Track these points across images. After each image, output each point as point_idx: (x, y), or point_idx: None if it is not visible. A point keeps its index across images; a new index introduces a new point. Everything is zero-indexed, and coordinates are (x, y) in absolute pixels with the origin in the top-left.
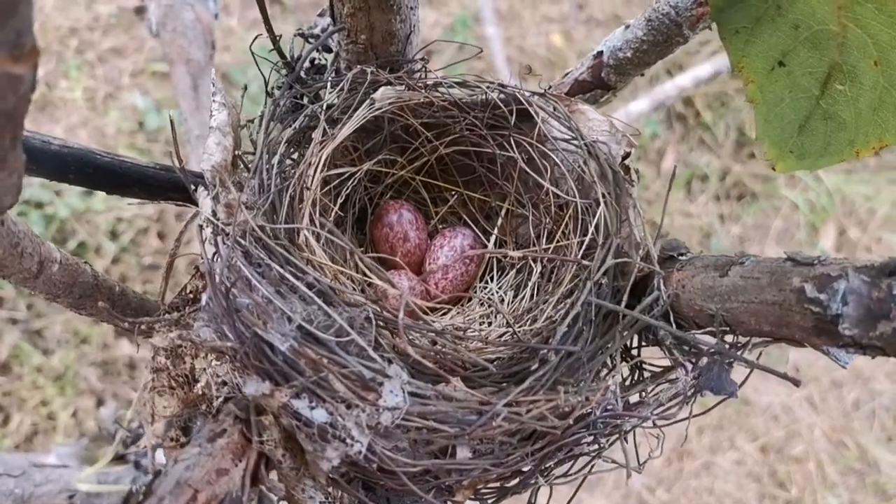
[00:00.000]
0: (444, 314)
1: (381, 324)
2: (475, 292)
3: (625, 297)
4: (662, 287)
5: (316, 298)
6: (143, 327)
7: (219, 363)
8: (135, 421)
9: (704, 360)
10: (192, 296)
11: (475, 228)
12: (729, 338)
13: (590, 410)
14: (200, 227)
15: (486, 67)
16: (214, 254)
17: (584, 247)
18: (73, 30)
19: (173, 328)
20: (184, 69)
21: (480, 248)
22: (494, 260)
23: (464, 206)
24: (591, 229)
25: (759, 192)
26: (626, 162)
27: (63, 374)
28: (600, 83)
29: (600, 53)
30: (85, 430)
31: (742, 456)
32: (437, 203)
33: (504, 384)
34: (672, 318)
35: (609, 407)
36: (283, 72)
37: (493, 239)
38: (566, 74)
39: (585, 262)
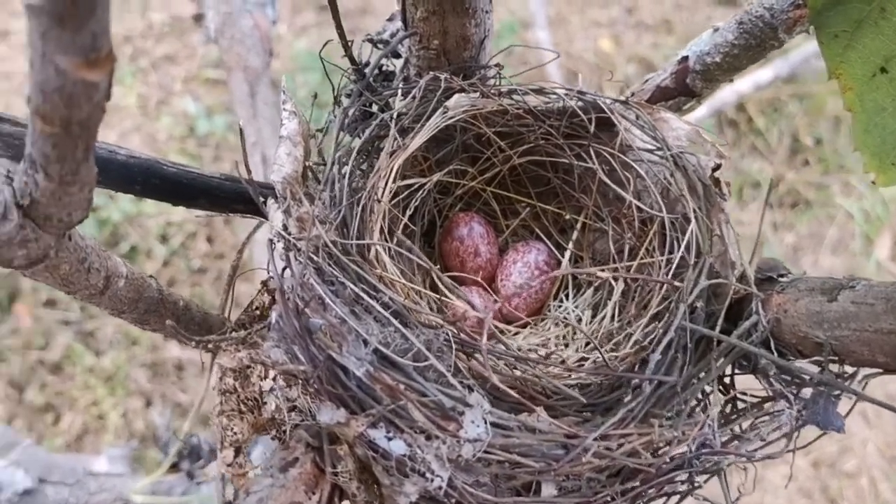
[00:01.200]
0: (516, 333)
1: (460, 347)
2: (549, 311)
3: (719, 322)
4: (761, 311)
5: (392, 319)
6: (209, 346)
7: (288, 386)
8: (190, 433)
9: (808, 391)
10: (258, 312)
11: (548, 243)
12: (833, 367)
13: (686, 447)
14: (271, 241)
15: (535, 74)
16: (284, 269)
17: (673, 265)
18: (127, 37)
19: (241, 347)
20: (241, 76)
21: (555, 263)
22: (569, 276)
23: (536, 219)
24: (681, 247)
25: (812, 200)
26: (716, 174)
27: (113, 375)
28: (684, 90)
29: (685, 58)
30: (134, 430)
31: (793, 471)
32: (507, 215)
33: (588, 414)
34: (773, 346)
35: (706, 442)
36: (352, 79)
37: (567, 254)
38: (646, 81)
39: (677, 283)
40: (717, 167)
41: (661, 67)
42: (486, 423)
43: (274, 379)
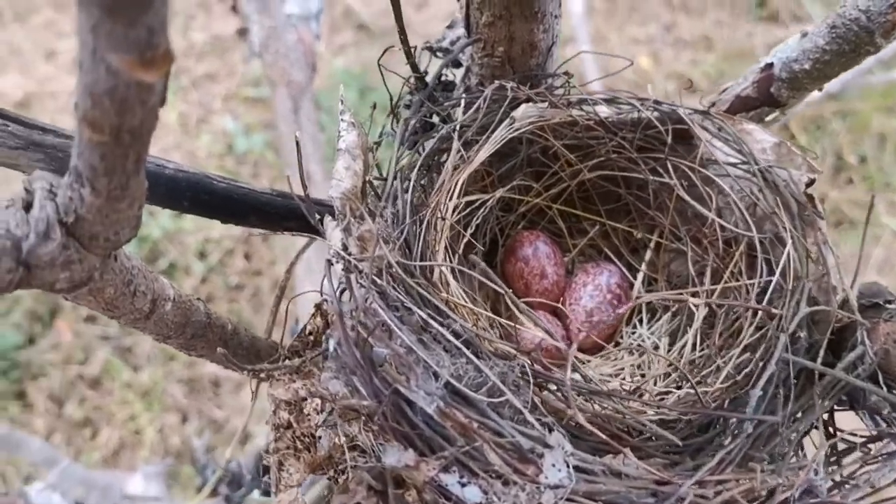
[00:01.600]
0: (587, 361)
1: (537, 380)
2: (622, 337)
3: (821, 354)
4: (867, 341)
5: (464, 349)
6: (261, 375)
7: (346, 422)
8: (231, 458)
9: None
10: (311, 338)
11: (619, 264)
12: None
13: (790, 495)
14: (329, 262)
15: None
16: (342, 291)
17: (767, 291)
18: None
19: (295, 377)
20: (285, 91)
21: (628, 286)
22: (644, 301)
23: (605, 238)
24: (776, 270)
25: (857, 220)
26: (810, 191)
27: (150, 391)
28: (768, 99)
29: (770, 65)
30: (169, 446)
31: None
32: (574, 234)
33: (677, 456)
34: (881, 380)
35: (811, 489)
36: (414, 88)
37: (640, 276)
38: (724, 90)
39: (775, 310)
40: (811, 182)
41: (739, 77)
42: (568, 466)
43: (330, 413)
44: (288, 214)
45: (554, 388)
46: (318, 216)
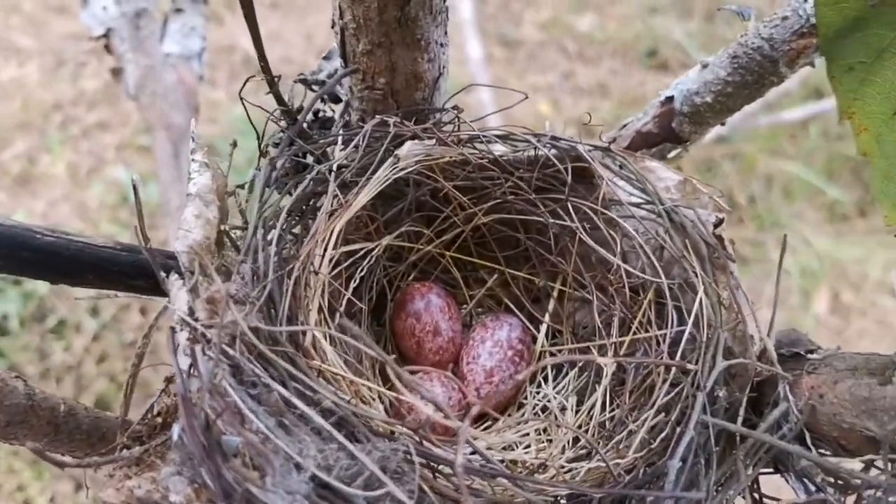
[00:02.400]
0: (486, 428)
1: (425, 462)
2: (526, 398)
3: (741, 413)
4: (790, 397)
5: (335, 433)
6: (93, 469)
7: None
8: None
9: (860, 498)
10: (160, 420)
11: (520, 315)
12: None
13: None
14: (172, 330)
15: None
16: (190, 367)
17: (680, 342)
18: (56, 105)
19: (133, 471)
20: (164, 135)
21: (530, 340)
22: (547, 354)
23: (504, 287)
24: (688, 320)
25: (749, 257)
26: (719, 231)
27: (38, 458)
28: (670, 135)
29: (670, 99)
30: None
31: None
32: (471, 284)
33: None
34: (808, 439)
35: None
36: (282, 124)
37: (543, 328)
38: (624, 125)
39: (690, 366)
40: (720, 222)
41: (639, 112)
42: None
43: None
44: (136, 272)
45: (446, 468)
46: (164, 273)
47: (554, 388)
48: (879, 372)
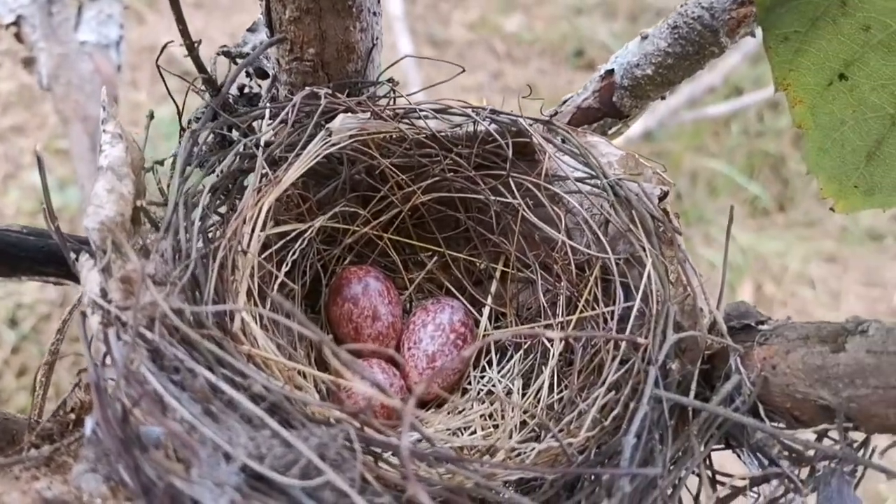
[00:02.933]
0: (429, 415)
1: (367, 448)
2: (470, 383)
3: (693, 387)
4: (742, 369)
5: (267, 418)
6: None
7: None
8: None
9: (813, 470)
10: (73, 416)
11: (462, 299)
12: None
13: None
14: (83, 315)
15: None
16: (105, 355)
17: (628, 319)
18: None
19: (42, 472)
20: (80, 128)
21: (473, 323)
22: (492, 340)
23: (445, 269)
24: (637, 295)
25: None
26: (664, 205)
27: None
28: (611, 109)
29: (610, 72)
30: None
31: None
32: (410, 268)
33: None
34: (762, 412)
35: None
36: (203, 93)
37: (486, 311)
38: (564, 101)
39: (641, 340)
40: (665, 195)
41: (583, 85)
42: None
43: None
44: (46, 258)
45: (390, 454)
46: (74, 255)
47: (499, 372)
48: (831, 339)
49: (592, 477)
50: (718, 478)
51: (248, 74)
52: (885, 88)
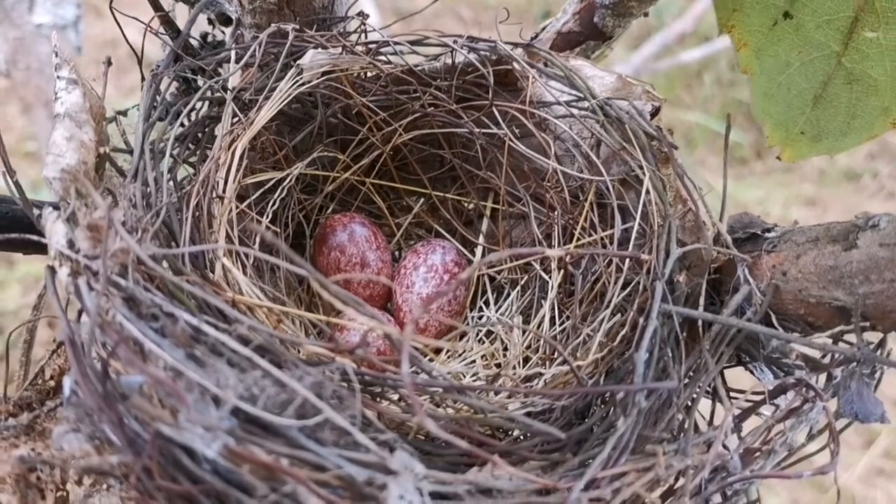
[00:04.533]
0: (430, 360)
1: (365, 386)
2: (467, 324)
3: (701, 301)
4: (751, 279)
5: (257, 358)
6: None
7: (105, 489)
8: None
9: (830, 376)
10: (53, 383)
11: (453, 241)
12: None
13: (700, 478)
14: (51, 269)
15: None
16: (80, 312)
17: (629, 241)
18: None
19: (21, 440)
20: (44, 113)
21: (467, 263)
22: (486, 278)
23: (433, 212)
24: (636, 215)
25: None
26: (656, 122)
27: None
28: (593, 32)
29: None
30: None
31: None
32: (396, 212)
33: (557, 454)
34: (775, 322)
35: (724, 465)
36: (161, 34)
37: (479, 250)
38: (544, 28)
39: (645, 256)
40: (657, 111)
41: (562, 9)
42: (421, 494)
43: (79, 481)
44: (9, 224)
45: (391, 392)
46: (37, 211)
47: (497, 310)
48: (842, 238)
49: (606, 398)
50: (733, 394)
51: (209, 21)
52: (829, 24)
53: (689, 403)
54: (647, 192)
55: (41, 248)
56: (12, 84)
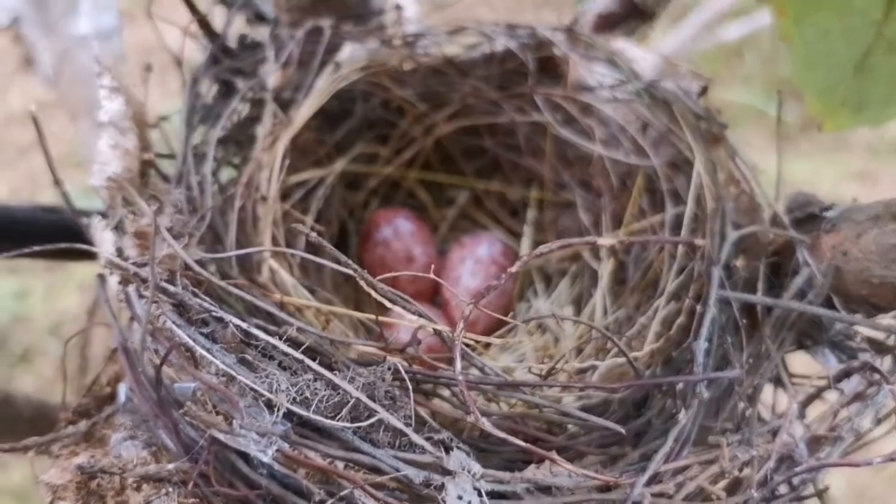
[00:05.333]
0: (479, 355)
1: (418, 385)
2: (515, 317)
3: (760, 286)
4: (810, 261)
5: (309, 361)
6: (33, 451)
7: (165, 494)
8: None
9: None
10: (109, 390)
11: (499, 232)
12: None
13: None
14: (101, 277)
15: None
16: (131, 319)
17: (681, 227)
18: None
19: (81, 448)
20: (90, 122)
21: (514, 254)
22: (533, 269)
23: (477, 204)
24: (687, 199)
25: None
26: (704, 101)
27: (25, 491)
28: (632, 11)
29: None
30: None
31: None
32: (439, 206)
33: (616, 447)
34: (837, 305)
35: (789, 454)
36: (201, 39)
37: (525, 241)
38: (582, 12)
39: (699, 241)
40: (704, 90)
41: None
42: (480, 494)
43: (137, 487)
44: (60, 233)
45: (444, 391)
46: (86, 219)
47: (547, 301)
48: None
49: (664, 389)
50: (795, 380)
51: (247, 22)
52: None
53: (752, 391)
54: (699, 174)
55: (92, 256)
56: (60, 95)
